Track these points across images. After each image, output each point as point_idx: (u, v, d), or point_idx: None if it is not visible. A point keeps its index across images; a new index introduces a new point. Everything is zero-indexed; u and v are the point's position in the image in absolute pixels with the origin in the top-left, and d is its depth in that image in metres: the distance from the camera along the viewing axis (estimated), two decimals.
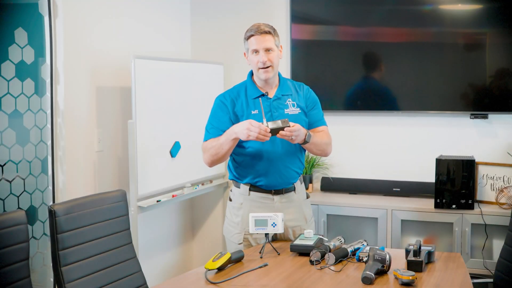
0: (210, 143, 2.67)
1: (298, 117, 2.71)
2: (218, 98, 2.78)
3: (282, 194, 2.73)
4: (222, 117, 2.70)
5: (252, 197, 2.72)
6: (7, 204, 3.00)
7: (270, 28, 2.68)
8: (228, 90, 2.80)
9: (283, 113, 2.69)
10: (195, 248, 4.47)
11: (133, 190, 3.30)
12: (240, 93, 2.74)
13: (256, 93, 2.71)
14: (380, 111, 3.96)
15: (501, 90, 3.66)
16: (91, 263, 2.31)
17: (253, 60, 2.67)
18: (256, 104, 2.69)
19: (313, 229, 2.85)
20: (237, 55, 4.25)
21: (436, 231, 3.57)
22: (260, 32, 2.63)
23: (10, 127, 3.05)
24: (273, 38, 2.67)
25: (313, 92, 2.84)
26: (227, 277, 2.22)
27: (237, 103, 2.71)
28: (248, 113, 2.68)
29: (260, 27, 2.65)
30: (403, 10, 3.81)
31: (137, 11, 3.78)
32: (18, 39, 3.08)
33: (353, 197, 3.86)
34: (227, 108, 2.70)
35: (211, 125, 2.73)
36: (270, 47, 2.65)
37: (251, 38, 2.65)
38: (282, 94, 2.73)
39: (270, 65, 2.65)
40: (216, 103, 2.76)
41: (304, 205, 2.82)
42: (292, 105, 2.73)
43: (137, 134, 3.29)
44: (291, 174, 2.74)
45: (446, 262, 2.42)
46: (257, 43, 2.64)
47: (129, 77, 3.34)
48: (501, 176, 3.59)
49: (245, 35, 2.69)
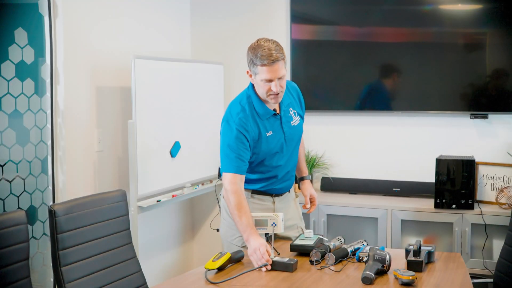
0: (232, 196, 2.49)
1: (300, 126, 2.72)
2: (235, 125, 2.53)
3: (280, 195, 2.75)
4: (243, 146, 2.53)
5: (254, 199, 2.72)
6: (7, 204, 3.00)
7: (280, 52, 2.46)
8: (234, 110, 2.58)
9: (290, 125, 2.65)
10: (195, 248, 4.47)
11: (133, 190, 3.30)
12: (250, 114, 2.56)
13: (267, 113, 2.58)
14: (380, 111, 3.96)
15: (501, 90, 3.66)
16: (91, 263, 2.31)
17: (263, 87, 2.49)
18: (270, 123, 2.59)
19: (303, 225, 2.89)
20: (237, 55, 4.26)
21: (436, 231, 3.57)
22: (272, 60, 2.42)
23: (10, 127, 3.05)
24: (284, 62, 2.49)
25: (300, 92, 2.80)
26: (227, 277, 2.22)
27: (251, 130, 2.55)
28: (263, 136, 2.58)
29: (273, 55, 2.42)
30: (403, 10, 3.81)
31: (137, 11, 3.78)
32: (18, 39, 3.08)
33: (353, 197, 3.86)
34: (248, 141, 2.54)
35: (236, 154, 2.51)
36: (282, 75, 2.48)
37: (263, 68, 2.44)
38: (285, 105, 2.65)
39: (281, 91, 2.51)
40: (234, 133, 2.52)
41: (296, 203, 2.86)
42: (294, 114, 2.68)
43: (137, 134, 3.29)
44: (292, 181, 2.79)
45: (446, 262, 2.42)
46: (269, 73, 2.44)
47: (129, 77, 3.34)
48: (501, 176, 3.59)
49: (254, 60, 2.45)
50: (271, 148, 2.61)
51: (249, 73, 2.54)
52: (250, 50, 2.49)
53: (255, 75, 2.51)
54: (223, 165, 2.56)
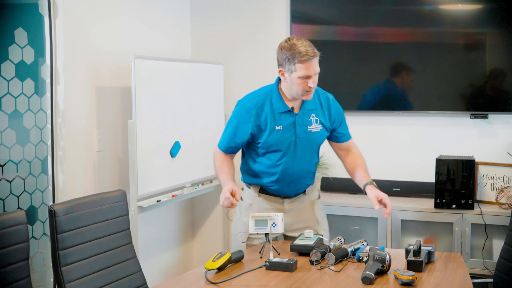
0: (217, 161, 2.71)
1: (319, 135, 2.69)
2: (243, 107, 2.64)
3: (291, 198, 2.75)
4: (243, 131, 2.63)
5: (262, 199, 2.75)
6: (7, 204, 3.00)
7: (315, 49, 2.52)
8: (252, 97, 2.66)
9: (306, 130, 2.64)
10: (195, 248, 4.47)
11: (133, 190, 3.30)
12: (265, 104, 2.62)
13: (283, 108, 2.61)
14: (380, 111, 3.96)
15: (501, 90, 3.66)
16: (91, 263, 2.31)
17: (299, 84, 2.51)
18: (282, 118, 2.62)
19: (326, 229, 2.86)
20: (237, 55, 4.27)
21: (436, 231, 3.57)
22: (310, 56, 2.47)
23: (10, 127, 3.05)
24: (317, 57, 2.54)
25: (338, 105, 2.77)
26: (227, 277, 2.22)
27: (262, 116, 2.61)
28: (272, 128, 2.62)
29: (309, 50, 2.48)
30: (403, 10, 3.81)
31: (137, 11, 3.78)
32: (18, 39, 3.08)
33: (353, 197, 3.85)
34: (251, 122, 2.61)
35: (230, 135, 2.66)
36: (319, 70, 2.54)
37: (301, 64, 2.47)
38: (307, 109, 2.65)
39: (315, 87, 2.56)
40: (240, 114, 2.64)
41: (315, 205, 2.82)
42: (315, 121, 2.66)
43: (137, 134, 3.29)
44: (303, 186, 2.77)
45: (446, 262, 2.42)
46: (308, 69, 2.48)
47: (129, 77, 3.34)
48: (501, 176, 3.60)
49: (290, 56, 2.49)
50: (276, 142, 2.62)
51: (282, 72, 2.56)
52: (284, 50, 2.52)
53: (290, 72, 2.52)
54: (220, 139, 2.74)
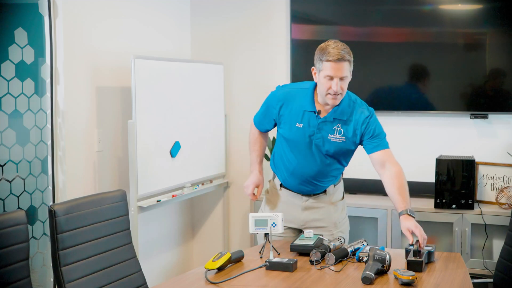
0: (252, 137, 2.90)
1: (340, 146, 2.64)
2: (276, 94, 2.74)
3: (311, 196, 2.77)
4: (269, 116, 2.76)
5: (283, 192, 2.80)
6: (7, 204, 3.00)
7: (349, 54, 2.53)
8: (289, 88, 2.75)
9: (326, 137, 2.62)
10: (195, 248, 4.48)
11: (133, 190, 3.30)
12: (296, 98, 2.65)
13: (310, 107, 2.62)
14: (379, 111, 3.92)
15: (501, 90, 3.66)
16: (91, 263, 2.31)
17: (324, 84, 2.53)
18: (305, 117, 2.62)
19: (345, 231, 2.83)
20: (237, 55, 4.27)
21: (436, 231, 3.57)
22: (339, 59, 2.49)
23: (10, 127, 3.05)
24: (349, 65, 2.55)
25: (373, 120, 2.64)
26: (227, 277, 2.22)
27: (287, 108, 2.65)
28: (293, 123, 2.64)
29: (340, 53, 2.49)
30: (403, 10, 3.81)
31: (137, 11, 3.78)
32: (18, 39, 3.08)
33: (353, 197, 3.85)
34: (276, 109, 2.70)
35: (260, 115, 2.83)
36: (345, 76, 2.53)
37: (328, 64, 2.50)
38: (334, 118, 2.61)
39: (341, 92, 2.54)
40: (271, 99, 2.75)
41: (336, 207, 2.80)
42: (338, 131, 2.62)
43: (137, 134, 3.29)
44: (319, 187, 2.76)
45: (446, 262, 2.42)
46: (333, 70, 2.50)
47: (129, 77, 3.34)
48: (501, 176, 3.59)
49: (320, 55, 2.54)
50: (293, 139, 2.66)
51: (314, 71, 2.61)
52: (319, 49, 2.57)
53: (319, 71, 2.56)
54: (256, 114, 2.88)
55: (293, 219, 2.76)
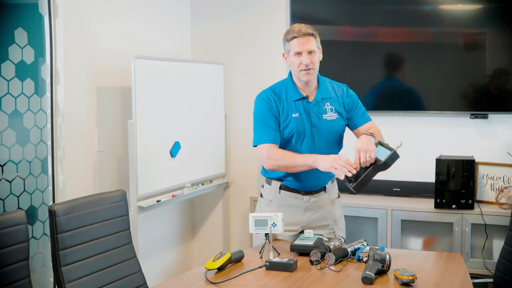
0: (281, 155, 2.61)
1: (335, 123, 2.73)
2: (263, 97, 2.72)
3: (312, 194, 2.76)
4: (271, 114, 2.69)
5: (282, 195, 2.77)
6: (7, 204, 3.00)
7: (312, 30, 2.65)
8: (269, 89, 2.76)
9: (321, 118, 2.69)
10: (195, 248, 4.48)
11: (133, 190, 3.30)
12: (281, 93, 2.72)
13: (297, 96, 2.70)
14: (379, 111, 3.95)
15: (501, 90, 3.66)
16: (91, 263, 2.31)
17: (294, 62, 2.64)
18: (298, 106, 2.69)
19: (343, 228, 2.88)
20: (237, 55, 4.27)
21: (436, 231, 3.57)
22: (303, 34, 2.61)
23: (10, 127, 3.05)
24: (315, 40, 2.65)
25: (352, 92, 2.82)
26: (227, 277, 2.22)
27: (280, 104, 2.70)
28: (289, 115, 2.68)
29: (302, 29, 2.62)
30: (403, 10, 3.81)
31: (137, 11, 3.78)
32: (18, 39, 3.08)
33: (353, 197, 3.85)
34: (273, 104, 2.69)
35: (267, 125, 2.67)
36: (312, 50, 2.63)
37: (294, 40, 2.63)
38: (321, 98, 2.72)
39: (312, 67, 2.64)
40: (262, 102, 2.71)
41: (334, 204, 2.84)
42: (330, 109, 2.72)
43: (137, 134, 3.29)
44: (324, 178, 2.77)
45: (446, 262, 2.42)
46: (300, 45, 2.61)
47: (129, 77, 3.34)
48: (501, 176, 3.59)
49: (285, 37, 2.66)
50: (294, 130, 2.67)
51: (285, 56, 2.71)
52: (284, 34, 2.69)
53: (288, 52, 2.68)
54: (258, 137, 2.69)
55: (296, 221, 2.76)
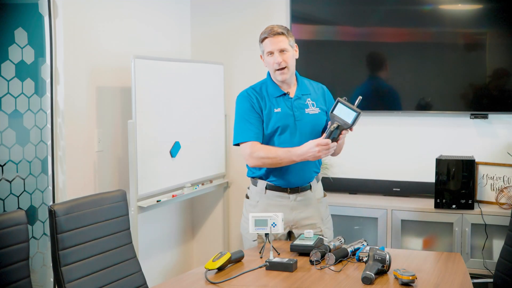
0: (264, 151, 2.64)
1: (318, 117, 2.78)
2: (244, 95, 2.78)
3: (298, 192, 2.77)
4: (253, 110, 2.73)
5: (268, 195, 2.77)
6: (7, 204, 3.00)
7: (283, 29, 2.71)
8: (249, 88, 2.82)
9: (304, 112, 2.75)
10: (195, 248, 4.48)
11: (133, 190, 3.30)
12: (262, 90, 2.79)
13: (278, 92, 2.76)
14: (380, 111, 3.96)
15: (501, 90, 3.66)
16: (91, 263, 2.31)
17: (269, 62, 2.73)
18: (279, 102, 2.74)
19: (331, 228, 2.90)
20: (237, 55, 4.26)
21: (436, 231, 3.57)
22: (273, 33, 2.68)
23: (10, 127, 3.05)
24: (286, 38, 2.71)
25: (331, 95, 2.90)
26: (227, 277, 2.22)
27: (261, 101, 2.75)
28: (271, 110, 2.73)
29: (273, 28, 2.70)
30: (403, 10, 3.81)
31: (137, 11, 3.78)
32: (18, 39, 3.08)
33: (353, 197, 3.86)
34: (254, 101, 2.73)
35: (249, 122, 2.71)
36: (284, 48, 2.69)
37: (265, 40, 2.71)
38: (302, 94, 2.79)
39: (286, 66, 2.70)
40: (243, 100, 2.76)
41: (321, 204, 2.86)
42: (312, 104, 2.79)
43: (137, 134, 3.29)
44: (309, 174, 2.79)
45: (446, 262, 2.43)
46: (271, 44, 2.69)
47: (129, 77, 3.34)
48: (501, 176, 3.59)
49: (259, 38, 2.74)
50: (277, 125, 2.70)
51: (262, 58, 2.78)
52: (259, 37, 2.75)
53: (263, 53, 2.76)
54: (240, 135, 2.71)
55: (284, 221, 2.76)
